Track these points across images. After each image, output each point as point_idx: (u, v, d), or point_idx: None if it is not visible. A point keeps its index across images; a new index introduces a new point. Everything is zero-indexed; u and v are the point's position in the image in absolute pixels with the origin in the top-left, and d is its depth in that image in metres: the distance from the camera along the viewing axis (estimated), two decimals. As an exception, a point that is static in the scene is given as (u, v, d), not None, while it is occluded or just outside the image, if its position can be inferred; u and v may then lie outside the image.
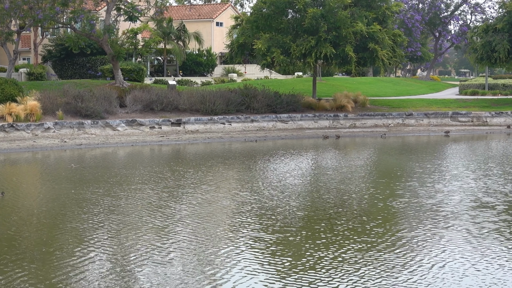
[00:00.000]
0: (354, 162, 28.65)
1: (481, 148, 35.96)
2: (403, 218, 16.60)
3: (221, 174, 25.63)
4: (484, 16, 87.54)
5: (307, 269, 12.34)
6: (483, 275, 11.96)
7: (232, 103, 43.52)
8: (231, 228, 15.80)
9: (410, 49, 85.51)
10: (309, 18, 43.55)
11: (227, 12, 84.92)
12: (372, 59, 45.55)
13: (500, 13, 54.81)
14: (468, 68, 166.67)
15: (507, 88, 65.30)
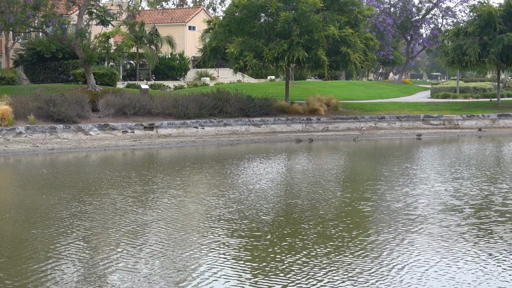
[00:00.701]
0: (325, 165, 28.68)
1: (452, 151, 36.18)
2: (371, 222, 16.64)
3: (192, 178, 25.52)
4: (455, 19, 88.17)
5: (274, 274, 12.33)
6: (448, 278, 12.03)
7: (205, 107, 43.50)
8: (197, 233, 15.70)
9: (382, 52, 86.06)
10: (281, 22, 43.64)
11: (199, 16, 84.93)
12: (344, 63, 45.71)
13: (471, 17, 55.16)
14: (439, 71, 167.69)
15: (478, 91, 65.85)
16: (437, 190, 21.14)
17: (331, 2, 46.66)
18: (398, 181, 23.09)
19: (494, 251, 13.69)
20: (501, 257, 13.30)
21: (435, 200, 19.33)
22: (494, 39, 49.83)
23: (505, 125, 48.28)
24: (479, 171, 25.91)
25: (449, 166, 28.01)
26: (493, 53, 49.29)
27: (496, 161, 30.26)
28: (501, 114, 49.15)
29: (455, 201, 19.13)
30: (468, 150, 36.23)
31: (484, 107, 52.26)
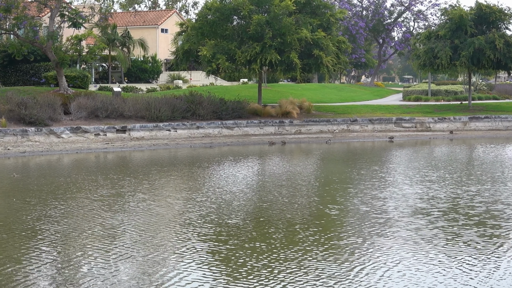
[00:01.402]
0: (296, 168, 28.76)
1: (423, 153, 36.35)
2: (339, 226, 16.65)
3: (162, 181, 25.36)
4: (427, 23, 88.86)
5: (240, 278, 12.33)
6: (415, 283, 12.09)
7: (178, 109, 43.43)
8: (164, 236, 15.65)
9: (355, 55, 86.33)
10: (254, 25, 43.69)
11: (172, 18, 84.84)
12: (317, 66, 45.83)
13: (442, 20, 55.61)
14: (411, 74, 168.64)
15: (450, 94, 66.24)
16: (406, 193, 21.21)
17: (303, 5, 46.78)
18: (368, 184, 23.15)
19: (461, 255, 13.77)
20: (468, 260, 13.39)
21: (403, 203, 19.39)
22: (465, 43, 50.22)
23: (476, 127, 48.67)
24: (449, 174, 26.05)
25: (419, 169, 28.13)
26: (464, 56, 49.66)
27: (466, 164, 30.46)
28: (472, 116, 49.54)
29: (423, 204, 19.19)
30: (439, 152, 36.44)
31: (455, 110, 52.63)
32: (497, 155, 34.27)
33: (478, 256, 13.68)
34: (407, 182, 23.88)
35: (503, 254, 13.85)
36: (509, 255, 13.85)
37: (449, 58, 50.31)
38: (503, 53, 49.60)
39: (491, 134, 46.52)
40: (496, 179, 24.39)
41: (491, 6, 51.76)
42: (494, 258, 13.53)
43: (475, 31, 51.00)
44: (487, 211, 18.12)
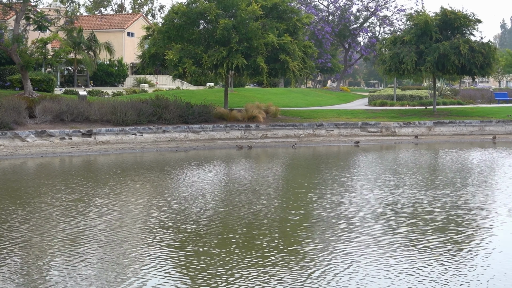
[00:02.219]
0: (260, 173, 28.74)
1: (388, 158, 36.60)
2: (299, 231, 16.60)
3: (125, 186, 25.14)
4: (392, 28, 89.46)
5: (199, 284, 12.34)
6: (365, 286, 12.21)
7: (144, 113, 43.30)
8: (124, 242, 15.55)
9: (321, 60, 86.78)
10: (220, 29, 43.70)
11: (138, 22, 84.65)
12: (283, 70, 45.92)
13: (407, 26, 55.98)
14: (377, 79, 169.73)
15: (415, 99, 66.73)
16: (368, 198, 21.27)
17: (270, 9, 46.87)
18: (330, 189, 23.18)
19: (421, 260, 13.86)
20: (428, 265, 13.50)
21: (364, 208, 19.41)
22: (430, 48, 50.59)
23: (440, 132, 49.05)
24: (413, 178, 26.21)
25: (383, 173, 28.21)
26: (429, 62, 50.02)
27: (429, 169, 30.63)
28: (437, 121, 49.90)
29: (384, 209, 19.26)
30: (404, 157, 36.67)
31: (420, 115, 53.00)
32: (460, 160, 34.52)
33: (431, 261, 13.78)
34: (370, 187, 23.93)
35: (457, 259, 13.97)
36: (462, 260, 13.99)
37: (414, 63, 50.63)
38: (468, 59, 50.01)
39: (456, 139, 46.90)
40: (458, 184, 24.59)
41: (456, 12, 52.18)
42: (447, 263, 13.63)
43: (440, 36, 51.41)
44: (446, 216, 18.24)
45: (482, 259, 14.00)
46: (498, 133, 49.11)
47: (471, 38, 52.71)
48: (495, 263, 13.72)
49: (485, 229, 16.93)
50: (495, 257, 14.19)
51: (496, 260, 13.92)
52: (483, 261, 13.81)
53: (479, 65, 50.83)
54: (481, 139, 46.96)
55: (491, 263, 13.71)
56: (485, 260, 13.89)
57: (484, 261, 13.85)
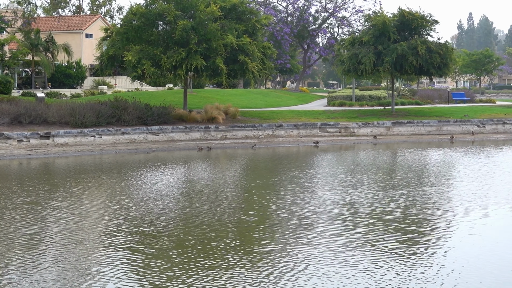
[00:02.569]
0: (219, 174, 28.74)
1: (347, 158, 36.78)
2: (255, 232, 16.63)
3: (82, 189, 24.91)
4: (351, 29, 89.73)
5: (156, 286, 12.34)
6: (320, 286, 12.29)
7: (103, 115, 43.06)
8: (79, 246, 15.44)
9: (280, 61, 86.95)
10: (179, 30, 43.61)
11: (96, 23, 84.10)
12: (242, 71, 45.96)
13: (366, 27, 56.29)
14: (336, 79, 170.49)
15: (373, 99, 67.15)
16: (326, 198, 21.38)
17: (229, 11, 46.87)
18: (290, 190, 23.25)
19: (379, 260, 13.99)
20: (385, 265, 13.63)
21: (322, 209, 19.48)
22: (388, 49, 50.95)
23: (399, 132, 49.42)
24: (371, 179, 26.43)
25: (342, 174, 28.40)
26: (387, 62, 50.39)
27: (388, 169, 30.88)
28: (395, 121, 50.27)
29: (342, 209, 19.36)
30: (363, 157, 36.90)
31: (379, 115, 53.34)
32: (418, 160, 34.79)
33: (388, 260, 13.92)
34: (327, 187, 24.07)
35: (414, 259, 14.11)
36: (419, 259, 14.14)
37: (372, 64, 50.94)
38: (425, 59, 50.44)
39: (414, 138, 47.28)
40: (415, 184, 24.79)
41: (413, 13, 52.58)
42: (404, 262, 13.77)
43: (398, 37, 51.79)
44: (403, 216, 18.42)
45: (439, 258, 14.16)
46: (455, 132, 49.63)
47: (429, 38, 53.19)
48: (451, 261, 13.90)
49: (441, 229, 17.11)
50: (452, 256, 14.37)
51: (452, 259, 14.11)
52: (439, 260, 13.97)
53: (436, 66, 51.28)
54: (439, 139, 47.40)
55: (447, 262, 13.89)
56: (441, 259, 14.05)
57: (441, 260, 14.02)
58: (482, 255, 14.34)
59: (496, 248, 15.03)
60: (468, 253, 14.52)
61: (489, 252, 14.66)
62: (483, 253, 14.56)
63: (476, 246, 15.20)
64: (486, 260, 14.00)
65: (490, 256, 14.31)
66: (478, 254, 14.47)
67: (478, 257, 14.22)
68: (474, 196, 21.71)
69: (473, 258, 14.06)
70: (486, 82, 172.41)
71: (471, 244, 15.45)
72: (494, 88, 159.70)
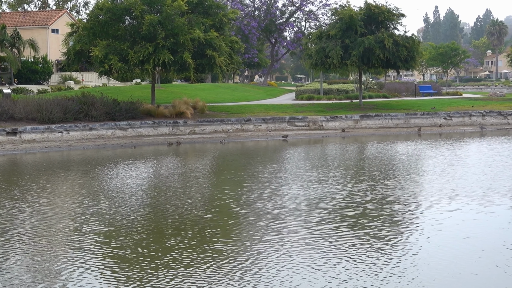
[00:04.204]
0: (185, 170, 28.61)
1: (315, 152, 36.82)
2: (215, 229, 16.43)
3: (48, 185, 24.72)
4: (318, 23, 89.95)
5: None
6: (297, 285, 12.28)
7: (70, 111, 42.81)
8: (39, 245, 15.30)
9: (247, 55, 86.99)
10: (146, 25, 43.46)
11: (62, 19, 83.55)
12: (210, 66, 45.90)
13: (333, 20, 56.39)
14: (304, 73, 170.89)
15: (341, 93, 67.33)
16: (290, 193, 21.28)
17: (196, 5, 46.80)
18: (255, 185, 23.17)
19: (343, 255, 13.95)
20: (352, 259, 13.63)
21: (285, 204, 19.33)
22: (355, 42, 51.12)
23: (367, 125, 49.62)
24: (338, 173, 26.43)
25: (309, 168, 28.30)
26: (355, 56, 50.56)
27: (355, 163, 30.91)
28: (363, 115, 50.45)
29: (305, 204, 19.22)
30: (331, 151, 36.98)
31: (347, 109, 53.52)
32: (385, 153, 34.96)
33: (354, 256, 13.88)
34: (293, 182, 23.92)
35: (378, 254, 14.08)
36: (384, 254, 14.13)
37: (340, 58, 51.08)
38: (392, 52, 50.66)
39: (382, 131, 47.52)
40: (382, 177, 24.86)
41: (379, 7, 52.77)
42: (368, 258, 13.71)
43: (365, 31, 51.96)
44: (369, 210, 18.43)
45: (404, 252, 14.13)
46: (423, 125, 49.93)
47: (395, 32, 53.43)
48: (417, 256, 13.89)
49: (406, 222, 17.08)
50: (417, 250, 14.33)
51: (420, 253, 14.13)
52: (405, 255, 13.95)
53: (403, 59, 51.54)
54: (407, 131, 47.67)
55: (413, 256, 13.89)
56: (406, 253, 14.04)
57: (406, 254, 14.01)
58: (443, 251, 14.23)
59: (460, 243, 14.88)
60: (429, 249, 14.41)
61: (451, 247, 14.53)
62: (444, 248, 14.44)
63: (438, 241, 15.08)
64: (446, 255, 13.91)
65: (450, 251, 14.20)
66: (438, 249, 14.38)
67: (438, 252, 14.14)
68: (440, 190, 21.63)
69: (434, 254, 13.96)
70: (453, 75, 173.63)
71: (433, 239, 15.28)
72: (460, 81, 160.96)
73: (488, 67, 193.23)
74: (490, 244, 14.71)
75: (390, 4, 53.65)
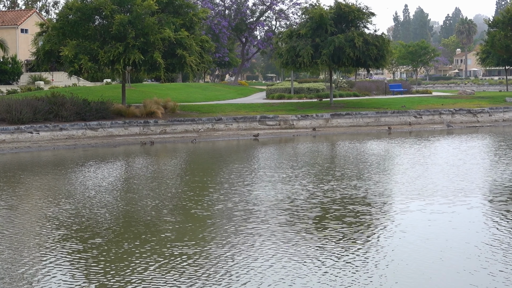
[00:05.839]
0: (153, 170, 28.47)
1: (286, 151, 36.84)
2: (176, 232, 16.15)
3: (16, 186, 24.63)
4: (289, 22, 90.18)
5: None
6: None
7: (40, 111, 42.58)
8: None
9: (218, 54, 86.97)
10: (116, 25, 43.32)
11: (32, 18, 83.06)
12: (180, 65, 45.84)
13: (303, 19, 56.50)
14: (274, 72, 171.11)
15: (312, 92, 67.50)
16: (257, 194, 21.05)
17: (166, 4, 46.74)
18: (220, 185, 23.04)
19: (306, 257, 13.83)
20: (314, 262, 13.50)
21: (250, 204, 19.15)
22: (325, 41, 51.27)
23: (338, 124, 49.79)
24: (307, 172, 26.36)
25: (279, 167, 28.23)
26: (325, 55, 50.69)
27: (325, 161, 30.94)
28: (334, 113, 50.61)
29: (271, 205, 19.01)
30: (301, 150, 36.96)
31: (318, 107, 53.66)
32: (356, 151, 35.03)
33: (320, 256, 13.79)
34: (262, 182, 23.73)
35: (347, 254, 14.05)
36: (353, 254, 14.11)
37: (310, 57, 51.20)
38: (362, 51, 50.86)
39: (352, 130, 47.73)
40: (352, 176, 24.90)
41: (349, 5, 52.95)
42: (336, 259, 13.59)
43: (335, 29, 52.14)
44: (337, 208, 18.34)
45: (373, 252, 14.05)
46: (393, 123, 50.23)
47: (365, 31, 53.63)
48: (386, 255, 13.86)
49: (371, 223, 16.95)
50: (386, 249, 14.29)
51: (389, 251, 14.11)
52: (374, 254, 13.88)
53: (373, 58, 51.78)
54: (377, 130, 47.91)
55: (382, 255, 13.85)
56: (376, 253, 14.00)
57: (376, 254, 13.96)
58: (404, 252, 14.06)
59: (424, 244, 14.65)
60: (395, 249, 14.22)
61: (413, 248, 14.34)
62: (405, 249, 14.25)
63: (404, 242, 14.87)
64: (408, 256, 13.78)
65: (414, 253, 14.04)
66: (400, 249, 14.23)
67: (400, 253, 13.99)
68: (406, 190, 21.49)
69: (398, 255, 13.82)
70: (423, 73, 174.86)
71: (399, 239, 15.07)
72: (430, 79, 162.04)
73: (457, 65, 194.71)
74: (451, 245, 14.58)
75: (360, 3, 53.66)
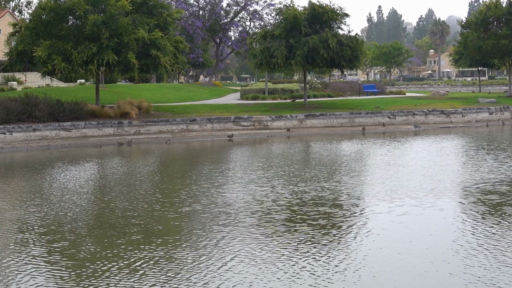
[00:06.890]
0: (123, 172, 28.30)
1: (260, 152, 36.85)
2: (144, 235, 15.95)
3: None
4: (263, 23, 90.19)
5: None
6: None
7: (13, 112, 42.31)
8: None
9: (192, 55, 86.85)
10: (90, 25, 43.16)
11: (4, 18, 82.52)
12: (155, 66, 45.80)
13: (277, 20, 56.58)
14: (249, 73, 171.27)
15: (286, 93, 67.65)
16: (228, 195, 20.93)
17: (140, 5, 46.63)
18: (193, 187, 22.85)
19: (278, 261, 13.91)
20: (289, 265, 13.41)
21: (219, 207, 18.93)
22: (300, 42, 51.35)
23: (312, 125, 49.88)
24: (280, 172, 26.26)
25: (253, 168, 28.14)
26: (299, 55, 50.79)
27: (299, 162, 30.86)
28: (308, 114, 50.69)
29: (242, 207, 18.89)
30: (275, 151, 36.94)
31: (292, 108, 53.74)
32: (329, 152, 35.09)
33: (294, 258, 13.75)
34: (231, 183, 23.65)
35: (320, 257, 14.04)
36: (327, 257, 14.14)
37: (284, 57, 51.28)
38: (336, 52, 51.02)
39: (327, 131, 47.84)
40: (325, 176, 24.93)
41: (323, 6, 53.10)
42: (309, 261, 13.51)
43: (309, 30, 52.24)
44: (310, 210, 18.28)
45: (347, 255, 13.94)
46: (367, 124, 50.42)
47: (339, 32, 53.80)
48: (360, 257, 13.83)
49: (345, 223, 16.90)
50: (360, 252, 14.23)
51: (362, 254, 14.05)
52: (348, 257, 13.81)
53: (347, 58, 51.98)
54: (351, 130, 48.07)
55: (356, 257, 13.81)
56: (350, 255, 13.95)
57: (350, 256, 13.91)
58: (382, 255, 13.98)
59: (400, 246, 14.64)
60: (368, 252, 14.10)
61: (389, 252, 14.22)
62: (383, 253, 14.17)
63: (377, 245, 14.74)
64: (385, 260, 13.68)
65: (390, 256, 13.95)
66: (376, 253, 14.16)
67: (374, 256, 13.90)
68: (378, 191, 21.41)
69: (372, 258, 13.74)
70: (396, 74, 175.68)
71: (371, 242, 14.92)
72: (404, 80, 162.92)
73: (430, 66, 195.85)
74: (419, 246, 14.61)
75: (334, 4, 54.19)
